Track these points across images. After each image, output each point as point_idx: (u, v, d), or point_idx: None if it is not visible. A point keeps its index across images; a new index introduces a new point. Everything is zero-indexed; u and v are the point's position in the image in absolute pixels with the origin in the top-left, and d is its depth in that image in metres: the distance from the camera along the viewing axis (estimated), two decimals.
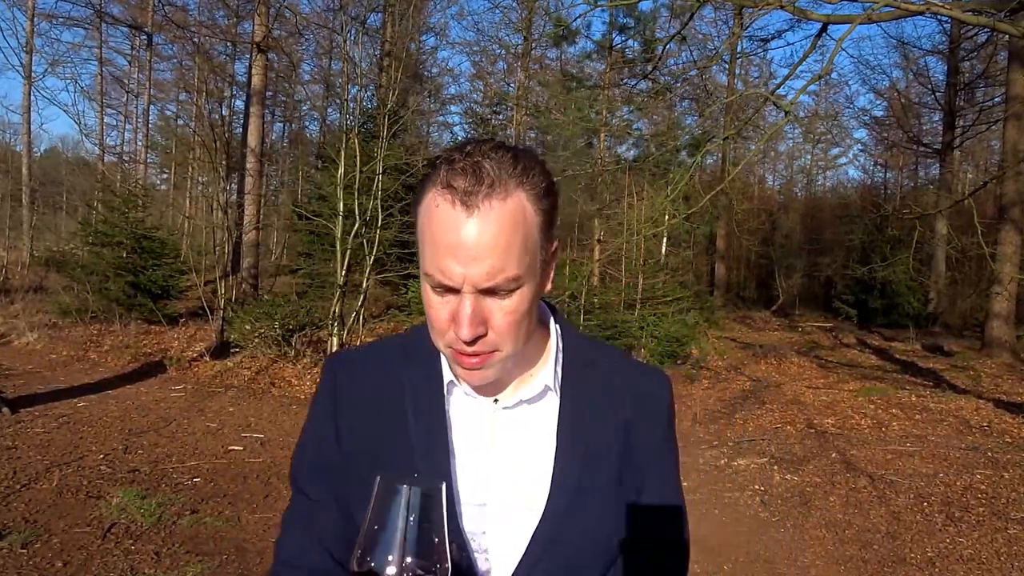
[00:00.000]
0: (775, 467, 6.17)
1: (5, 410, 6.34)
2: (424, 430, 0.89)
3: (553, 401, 0.92)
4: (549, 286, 0.88)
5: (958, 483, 5.69)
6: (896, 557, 4.33)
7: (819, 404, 8.76)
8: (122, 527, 4.09)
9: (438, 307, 0.81)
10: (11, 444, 5.51)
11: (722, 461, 6.40)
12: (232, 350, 9.58)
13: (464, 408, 0.91)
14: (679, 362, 11.18)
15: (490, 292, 0.79)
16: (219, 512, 4.47)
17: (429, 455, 0.88)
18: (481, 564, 0.88)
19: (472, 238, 0.76)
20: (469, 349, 0.81)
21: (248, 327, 9.38)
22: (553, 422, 0.91)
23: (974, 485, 5.64)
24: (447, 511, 0.72)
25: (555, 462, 0.88)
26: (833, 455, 6.52)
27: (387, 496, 0.70)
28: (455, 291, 0.79)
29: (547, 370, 0.92)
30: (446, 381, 0.91)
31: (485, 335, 0.80)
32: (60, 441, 5.71)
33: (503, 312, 0.80)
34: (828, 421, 7.90)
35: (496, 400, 0.90)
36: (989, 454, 6.50)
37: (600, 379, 0.94)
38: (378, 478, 0.71)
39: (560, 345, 0.95)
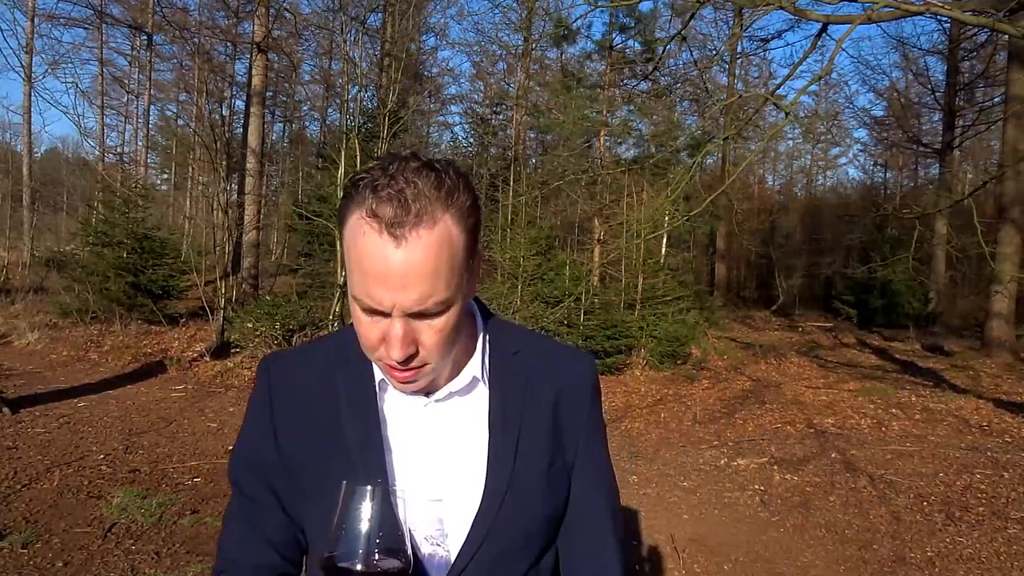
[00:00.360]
0: (775, 467, 6.17)
1: (5, 410, 6.35)
2: (358, 427, 0.92)
3: (483, 392, 0.95)
4: (475, 289, 0.92)
5: (958, 483, 5.70)
6: (896, 557, 4.33)
7: (819, 404, 8.76)
8: (122, 527, 4.10)
9: (368, 327, 0.83)
10: (11, 444, 5.51)
11: (722, 461, 6.40)
12: (232, 350, 9.58)
13: (397, 404, 0.94)
14: (679, 362, 11.18)
15: (419, 315, 0.81)
16: (220, 512, 4.47)
17: (364, 452, 0.91)
18: (437, 554, 0.91)
19: (400, 268, 0.77)
20: (400, 366, 0.83)
21: (248, 327, 9.39)
22: (484, 412, 0.94)
23: (974, 485, 5.65)
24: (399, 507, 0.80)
25: (489, 450, 0.92)
26: (833, 455, 6.52)
27: (352, 499, 0.78)
28: (385, 314, 0.81)
29: (475, 362, 0.95)
30: (378, 379, 0.93)
31: (416, 353, 0.83)
32: (60, 441, 5.72)
33: (433, 331, 0.82)
34: (828, 421, 7.91)
35: (428, 395, 0.93)
36: (989, 454, 6.50)
37: (526, 366, 0.98)
38: (343, 483, 0.79)
39: (488, 338, 0.98)
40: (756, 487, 5.67)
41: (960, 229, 11.94)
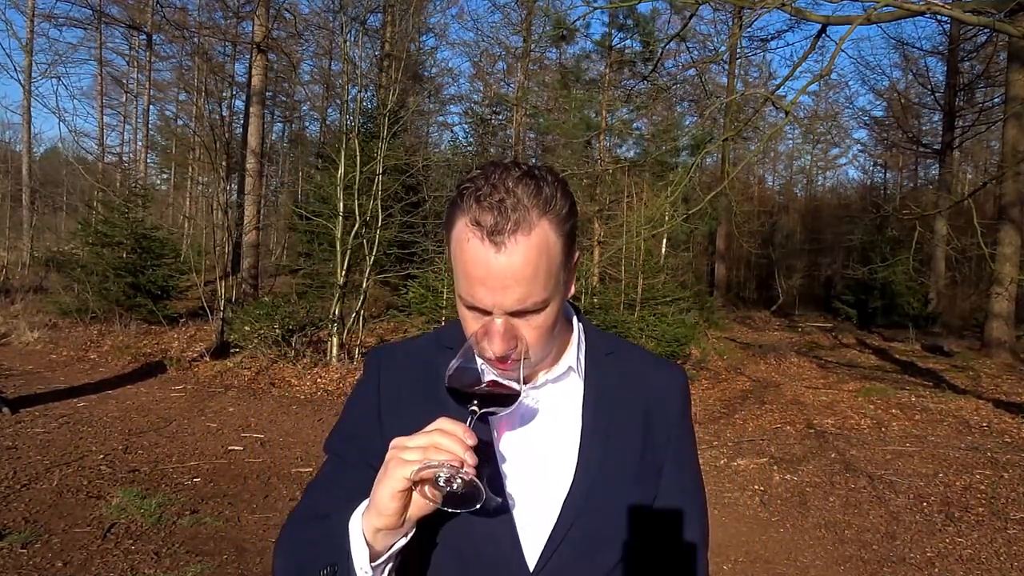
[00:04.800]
0: (775, 467, 6.17)
1: (5, 410, 6.35)
2: (458, 408, 0.95)
3: (576, 383, 1.00)
4: (572, 290, 0.97)
5: (957, 483, 5.70)
6: (895, 557, 4.33)
7: (819, 404, 8.76)
8: (122, 527, 4.09)
9: (472, 322, 0.90)
10: (11, 444, 5.51)
11: (722, 461, 6.40)
12: (232, 350, 9.58)
13: None
14: (679, 362, 11.18)
15: (519, 314, 0.88)
16: (219, 512, 4.47)
17: None
18: (523, 530, 0.93)
19: (500, 272, 0.84)
20: (499, 361, 0.88)
21: (248, 327, 9.38)
22: (578, 401, 0.98)
23: (973, 485, 5.65)
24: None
25: (581, 435, 0.96)
26: (832, 455, 6.52)
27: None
28: (487, 312, 0.88)
29: (570, 355, 1.00)
30: (479, 364, 0.97)
31: (515, 347, 0.89)
32: (60, 441, 5.71)
33: (531, 327, 0.89)
34: (828, 421, 7.90)
35: (525, 382, 0.97)
36: (989, 454, 6.50)
37: (620, 367, 1.02)
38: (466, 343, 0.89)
39: (582, 336, 1.03)
40: (756, 487, 5.67)
41: (960, 229, 11.95)
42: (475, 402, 0.86)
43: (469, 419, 0.85)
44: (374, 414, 1.01)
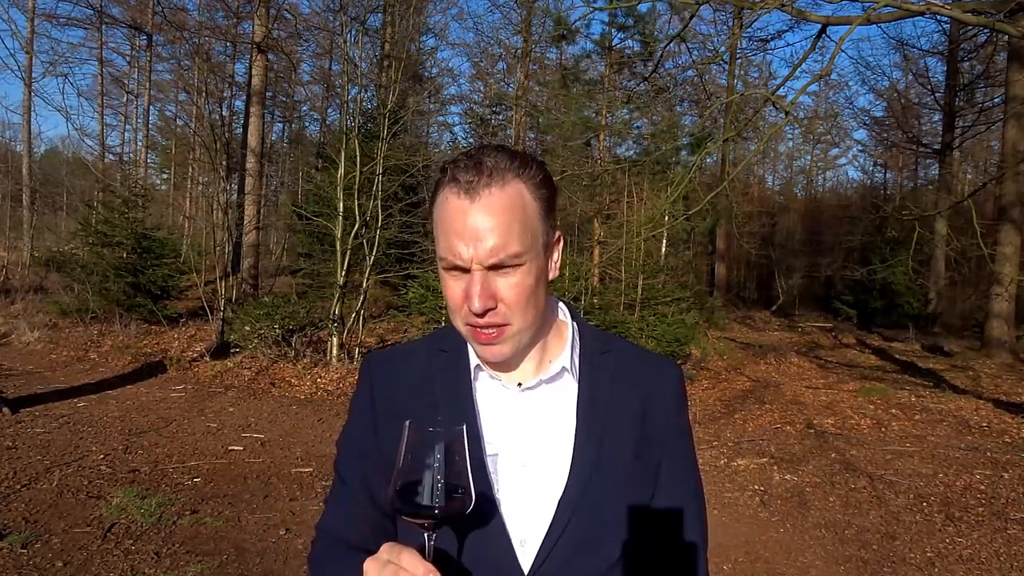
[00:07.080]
0: (775, 467, 6.17)
1: (5, 410, 6.35)
2: (453, 412, 0.96)
3: (571, 383, 0.99)
4: (556, 272, 0.97)
5: (957, 483, 5.70)
6: (895, 557, 4.33)
7: (819, 404, 8.76)
8: (122, 527, 4.10)
9: (453, 287, 0.91)
10: (11, 444, 5.51)
11: (722, 461, 6.40)
12: (232, 350, 9.58)
13: (490, 390, 0.99)
14: (679, 362, 11.17)
15: (496, 268, 0.88)
16: (219, 512, 4.47)
17: None
18: (518, 532, 0.93)
19: (476, 221, 0.87)
20: (482, 322, 0.89)
21: (248, 328, 9.38)
22: (572, 401, 0.97)
23: (973, 485, 5.65)
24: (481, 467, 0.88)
25: (575, 436, 0.95)
26: (832, 455, 6.52)
27: (415, 438, 0.79)
28: (466, 270, 0.88)
29: (564, 355, 1.00)
30: (472, 366, 0.98)
31: (495, 308, 0.89)
32: (60, 441, 5.72)
33: (509, 286, 0.89)
34: (828, 421, 7.91)
35: (520, 384, 0.97)
36: (988, 454, 6.50)
37: (615, 365, 1.01)
38: (407, 423, 0.80)
39: (576, 336, 1.02)
40: (756, 487, 5.67)
41: (960, 229, 11.94)
42: (427, 523, 0.78)
43: (427, 546, 0.80)
44: (369, 423, 1.02)
